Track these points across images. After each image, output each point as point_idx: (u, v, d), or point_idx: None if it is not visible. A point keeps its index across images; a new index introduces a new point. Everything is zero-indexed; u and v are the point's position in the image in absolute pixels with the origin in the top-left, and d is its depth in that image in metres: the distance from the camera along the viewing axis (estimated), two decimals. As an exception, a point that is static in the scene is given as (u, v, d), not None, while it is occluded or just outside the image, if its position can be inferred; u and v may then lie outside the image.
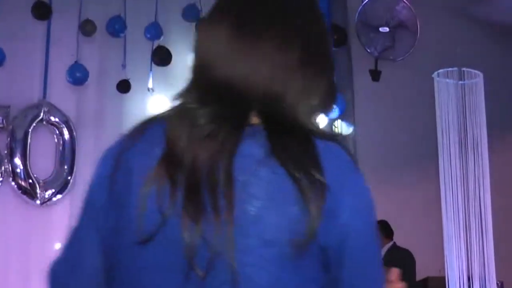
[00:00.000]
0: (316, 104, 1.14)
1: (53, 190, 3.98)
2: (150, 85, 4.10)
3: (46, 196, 3.96)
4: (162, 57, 4.01)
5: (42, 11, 3.66)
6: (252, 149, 1.05)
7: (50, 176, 3.99)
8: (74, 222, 1.21)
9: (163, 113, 1.16)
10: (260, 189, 1.03)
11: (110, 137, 1.20)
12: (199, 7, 4.03)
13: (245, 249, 1.01)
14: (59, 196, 4.01)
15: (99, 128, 4.16)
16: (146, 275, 1.06)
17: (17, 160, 3.88)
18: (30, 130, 3.93)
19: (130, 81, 3.97)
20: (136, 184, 1.06)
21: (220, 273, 1.01)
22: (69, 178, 4.02)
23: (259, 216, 1.02)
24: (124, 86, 3.99)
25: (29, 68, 3.99)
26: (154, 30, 4.02)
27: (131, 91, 4.00)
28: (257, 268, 1.03)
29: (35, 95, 3.98)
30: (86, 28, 3.88)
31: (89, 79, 3.87)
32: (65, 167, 4.02)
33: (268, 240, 1.02)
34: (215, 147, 1.05)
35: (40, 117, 3.94)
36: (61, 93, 4.02)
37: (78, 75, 3.87)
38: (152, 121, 1.15)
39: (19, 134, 3.90)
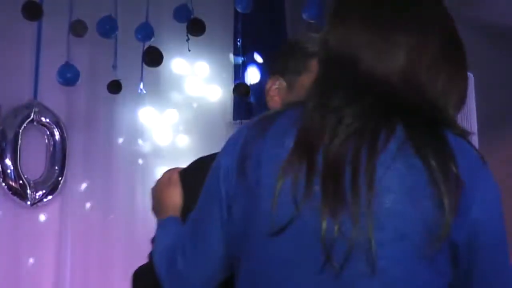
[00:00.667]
0: (453, 103, 1.14)
1: (44, 191, 3.97)
2: (141, 85, 4.10)
3: (37, 197, 3.94)
4: (153, 58, 4.00)
5: (33, 12, 3.65)
6: (389, 143, 1.05)
7: (40, 177, 3.98)
8: (193, 213, 1.22)
9: (297, 102, 1.16)
10: (394, 181, 1.04)
11: (101, 137, 1.19)
12: (190, 8, 4.02)
13: (381, 242, 1.02)
14: (49, 197, 4.00)
15: (90, 128, 4.15)
16: (277, 267, 1.07)
17: (8, 161, 3.87)
18: (20, 130, 3.91)
19: (121, 81, 3.96)
20: (266, 175, 1.08)
21: (356, 266, 1.02)
22: (59, 179, 4.00)
23: (393, 209, 1.03)
24: (115, 87, 3.97)
25: (19, 68, 3.98)
26: (145, 31, 4.01)
27: (122, 91, 3.99)
28: (392, 261, 1.03)
29: (25, 96, 3.97)
30: (77, 28, 3.86)
31: (79, 80, 3.85)
32: (56, 167, 4.01)
33: (402, 234, 1.03)
34: (361, 141, 1.05)
35: (31, 118, 3.93)
36: (52, 94, 4.01)
37: (68, 76, 3.86)
38: (281, 112, 1.15)
39: (10, 135, 3.88)
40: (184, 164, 1.73)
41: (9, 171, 3.88)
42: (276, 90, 1.64)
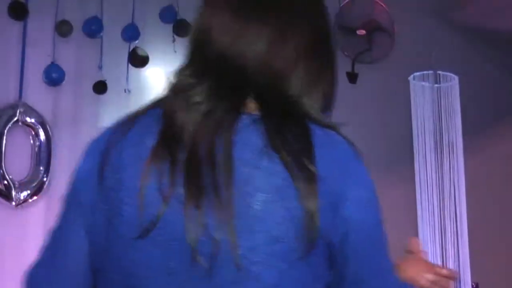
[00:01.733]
0: (317, 101, 1.09)
1: (29, 192, 3.95)
2: (126, 86, 4.09)
3: (22, 197, 3.92)
4: (139, 59, 3.99)
5: (18, 12, 3.63)
6: (253, 138, 1.00)
7: (25, 178, 3.96)
8: (54, 222, 1.14)
9: (158, 98, 1.12)
10: (263, 181, 0.97)
11: (86, 138, 1.19)
12: (176, 9, 4.02)
13: (252, 246, 0.96)
14: (35, 198, 3.98)
15: (75, 129, 4.13)
16: (143, 274, 0.99)
17: (-8, 162, 3.85)
18: (5, 131, 3.89)
19: (107, 82, 3.95)
20: (128, 178, 1.01)
21: (226, 271, 0.96)
22: (45, 179, 3.98)
23: (264, 210, 0.96)
24: (100, 87, 3.97)
25: (4, 68, 3.96)
26: (131, 32, 4.00)
27: (107, 92, 3.98)
28: (265, 266, 0.96)
29: (10, 96, 3.94)
30: (63, 28, 3.85)
31: (65, 80, 3.84)
32: (41, 168, 3.99)
33: (275, 236, 0.96)
34: (213, 125, 1.00)
35: (16, 118, 3.91)
36: (37, 94, 3.99)
37: (54, 76, 3.85)
38: (143, 112, 1.11)
39: (-6, 135, 3.86)
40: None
41: (-7, 171, 3.85)
42: None
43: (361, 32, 4.35)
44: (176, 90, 1.07)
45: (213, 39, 1.09)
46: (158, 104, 1.10)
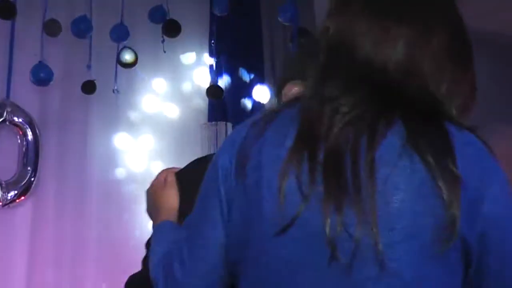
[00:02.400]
0: (457, 106, 1.10)
1: (16, 192, 3.93)
2: (115, 86, 4.08)
3: (9, 197, 3.90)
4: (122, 64, 3.98)
5: (6, 11, 3.61)
6: (393, 139, 1.02)
7: (13, 178, 3.94)
8: (192, 210, 1.15)
9: (294, 98, 1.13)
10: (402, 180, 1.00)
11: (74, 138, 1.18)
12: (166, 9, 4.01)
13: (390, 243, 0.98)
14: (22, 198, 3.96)
15: (64, 129, 4.11)
16: (283, 270, 1.02)
17: (-20, 161, 3.83)
18: (-7, 130, 3.87)
19: (96, 82, 3.94)
20: (268, 176, 1.04)
21: (365, 267, 0.99)
22: (32, 179, 3.96)
23: (402, 208, 0.99)
24: (89, 87, 3.95)
25: (-8, 67, 3.94)
26: (120, 32, 3.99)
27: (96, 92, 3.97)
28: (403, 263, 0.99)
29: (-2, 95, 3.93)
30: (51, 28, 3.83)
31: (53, 80, 3.82)
32: (29, 168, 3.97)
33: (412, 234, 0.99)
34: (359, 132, 1.02)
35: (3, 118, 3.89)
36: (25, 94, 3.97)
37: (42, 76, 3.83)
38: (280, 111, 1.12)
39: (-19, 135, 3.84)
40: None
41: (-19, 171, 3.83)
42: (295, 94, 1.59)
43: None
44: (323, 99, 1.06)
45: (356, 46, 1.08)
46: (295, 103, 1.10)
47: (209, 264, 1.12)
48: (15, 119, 3.94)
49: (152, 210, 1.52)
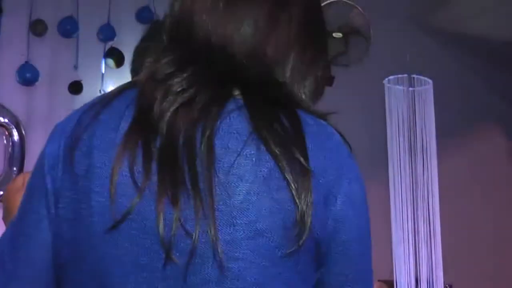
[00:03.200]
0: (309, 89, 1.02)
1: (1, 192, 3.92)
2: (102, 86, 4.07)
3: (-6, 198, 3.89)
4: (115, 59, 3.98)
5: (-8, 10, 3.60)
6: (237, 124, 0.92)
7: (-2, 178, 3.93)
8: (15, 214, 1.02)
9: (132, 81, 1.02)
10: (247, 170, 0.89)
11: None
12: (153, 9, 4.01)
13: (232, 240, 0.87)
14: (7, 198, 3.94)
15: (50, 129, 4.08)
16: (113, 269, 0.89)
17: (-35, 161, 3.81)
18: (-22, 131, 3.85)
19: (82, 82, 3.93)
20: (99, 164, 0.91)
21: (204, 269, 0.87)
22: (18, 179, 3.95)
23: (247, 201, 0.88)
24: (76, 87, 3.94)
25: (-22, 67, 3.92)
26: (107, 32, 3.99)
27: (83, 92, 3.96)
28: (245, 263, 0.87)
29: (-16, 95, 3.91)
30: (37, 28, 3.82)
31: (40, 80, 3.82)
32: (14, 168, 3.95)
33: (258, 230, 0.88)
34: (194, 112, 0.91)
35: (-11, 118, 3.87)
36: (11, 94, 3.96)
37: (28, 76, 3.82)
38: (118, 93, 0.99)
39: (-33, 135, 3.82)
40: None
41: (-34, 171, 3.82)
42: None
43: (338, 35, 4.38)
44: (156, 78, 0.96)
45: (196, 23, 0.99)
46: (134, 86, 0.99)
47: (33, 268, 0.96)
48: (1, 119, 3.93)
49: (6, 217, 1.34)
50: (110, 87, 4.09)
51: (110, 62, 3.98)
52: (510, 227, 4.77)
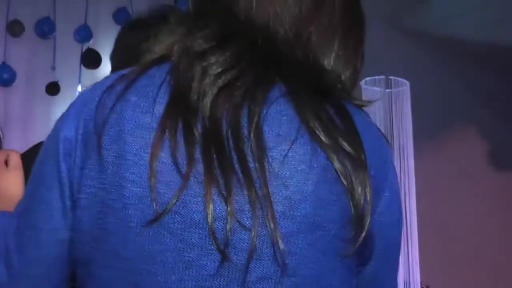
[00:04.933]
0: (350, 78, 0.96)
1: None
2: (79, 87, 4.06)
3: (-30, 199, 3.86)
4: (91, 60, 3.97)
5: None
6: (287, 112, 0.84)
7: (-26, 179, 3.89)
8: (18, 204, 0.93)
9: (158, 57, 0.91)
10: (303, 160, 0.81)
11: (37, 139, 1.14)
12: (130, 11, 4.00)
13: (289, 234, 0.79)
14: (-16, 200, 3.92)
15: (27, 130, 4.08)
16: (153, 267, 0.79)
17: None
18: (-46, 131, 3.83)
19: (59, 83, 3.92)
20: (133, 151, 0.81)
21: (259, 265, 0.79)
22: (-6, 181, 3.92)
23: (304, 192, 0.81)
24: (53, 88, 3.93)
25: (-46, 68, 3.90)
26: (84, 33, 3.97)
27: (60, 93, 3.95)
28: (302, 257, 0.80)
29: (-40, 96, 3.89)
30: (14, 28, 3.80)
31: (17, 81, 3.80)
32: (-9, 169, 3.93)
33: (315, 223, 0.81)
34: (237, 99, 0.83)
35: (-35, 119, 3.85)
36: (-12, 95, 3.94)
37: (5, 76, 3.80)
38: (141, 71, 0.89)
39: None
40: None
41: None
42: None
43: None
44: (191, 54, 0.86)
45: None
46: (166, 60, 0.89)
47: (43, 265, 0.87)
48: (-22, 120, 3.90)
49: None
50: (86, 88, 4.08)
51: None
52: (488, 227, 4.81)
